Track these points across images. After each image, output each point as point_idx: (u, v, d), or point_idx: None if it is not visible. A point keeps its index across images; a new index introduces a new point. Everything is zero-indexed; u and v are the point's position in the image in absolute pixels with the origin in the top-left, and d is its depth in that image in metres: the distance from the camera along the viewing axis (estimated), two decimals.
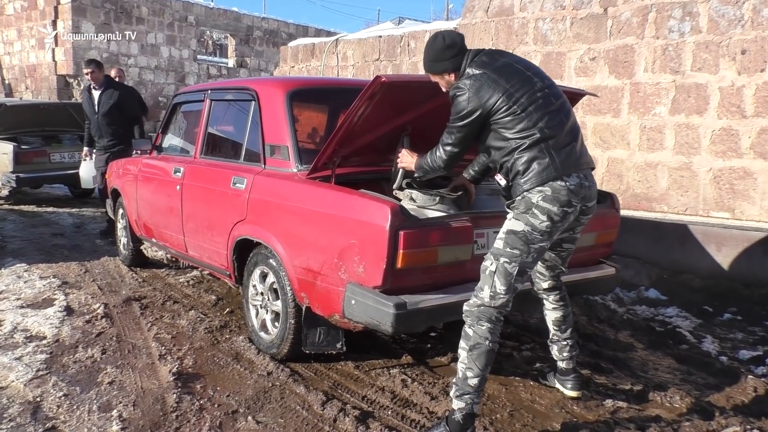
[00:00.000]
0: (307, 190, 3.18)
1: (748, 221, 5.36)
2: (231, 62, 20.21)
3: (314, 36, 20.28)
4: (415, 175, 3.05)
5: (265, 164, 3.55)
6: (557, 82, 6.68)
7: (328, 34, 20.72)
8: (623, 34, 6.08)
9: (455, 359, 3.51)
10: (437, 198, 3.19)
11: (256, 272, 3.54)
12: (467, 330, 2.60)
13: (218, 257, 3.87)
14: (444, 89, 2.89)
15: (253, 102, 3.72)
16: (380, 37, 8.82)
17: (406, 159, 3.06)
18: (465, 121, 2.66)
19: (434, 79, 2.88)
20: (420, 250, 2.76)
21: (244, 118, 3.84)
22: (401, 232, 2.69)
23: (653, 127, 5.99)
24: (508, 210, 2.73)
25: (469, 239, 2.93)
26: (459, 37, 2.83)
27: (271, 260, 3.36)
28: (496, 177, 2.77)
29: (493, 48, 2.86)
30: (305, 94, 3.68)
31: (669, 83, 5.83)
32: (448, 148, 2.76)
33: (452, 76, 2.80)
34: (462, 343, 2.60)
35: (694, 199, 5.73)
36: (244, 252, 3.62)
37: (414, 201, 3.19)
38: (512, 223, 2.65)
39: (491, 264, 2.63)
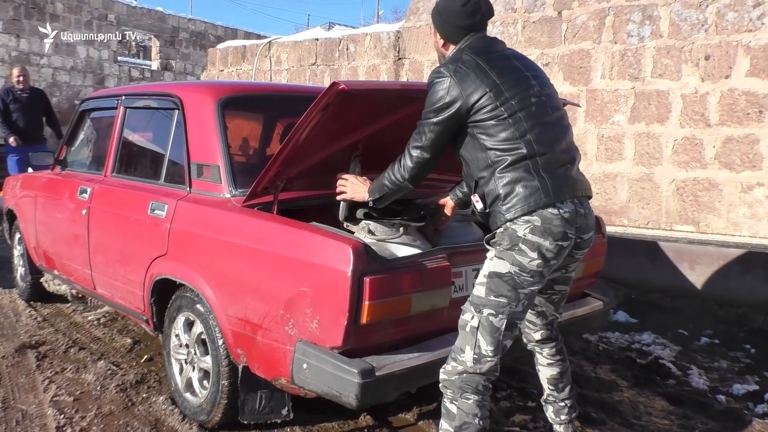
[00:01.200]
0: (244, 221, 2.57)
1: (713, 235, 5.08)
2: (155, 65, 19.11)
3: (243, 39, 19.41)
4: (370, 201, 2.50)
5: (190, 187, 2.91)
6: None
7: (258, 37, 19.90)
8: (579, 39, 5.73)
9: (423, 416, 2.99)
10: (401, 228, 2.65)
11: (180, 319, 2.90)
12: (449, 406, 2.08)
13: (133, 298, 3.20)
14: (433, 46, 2.45)
15: (177, 111, 3.07)
16: (317, 40, 8.24)
17: (354, 187, 2.51)
18: (440, 116, 2.17)
19: (430, 27, 2.42)
20: (390, 299, 2.20)
21: (165, 130, 3.18)
22: (367, 279, 2.13)
23: (611, 136, 5.66)
24: (488, 246, 2.22)
25: (447, 281, 2.40)
26: (479, 14, 2.29)
27: (198, 306, 2.73)
28: (472, 200, 2.26)
29: (494, 37, 2.36)
30: (240, 102, 3.06)
31: (628, 90, 5.51)
32: (417, 152, 2.25)
33: (440, 42, 2.36)
34: (444, 425, 2.07)
35: (657, 212, 5.41)
36: (166, 294, 2.97)
37: (372, 234, 2.63)
38: (495, 263, 2.15)
39: (472, 318, 2.12)
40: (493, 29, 6.29)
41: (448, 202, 2.81)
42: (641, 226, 5.48)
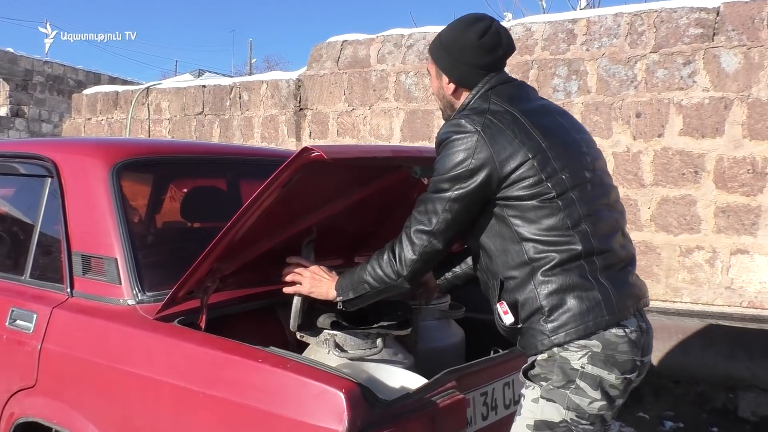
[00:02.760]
0: (162, 343, 1.77)
1: (653, 301, 4.78)
2: (3, 110, 17.10)
3: (108, 84, 17.82)
4: (339, 301, 1.81)
5: (71, 288, 2.05)
6: (423, 143, 5.86)
7: (124, 82, 18.40)
8: None
9: None
10: (378, 340, 1.96)
11: None
12: None
13: None
14: (432, 89, 1.83)
15: (50, 180, 2.21)
16: (204, 87, 7.41)
17: (314, 281, 1.84)
18: (461, 188, 1.57)
19: (429, 66, 1.82)
20: None
21: (32, 205, 2.29)
22: None
23: None
24: (527, 380, 1.60)
25: (463, 422, 1.73)
26: (502, 48, 1.71)
27: None
28: (497, 307, 1.64)
29: (517, 81, 1.77)
30: (144, 168, 2.25)
31: None
32: (423, 239, 1.62)
33: (450, 87, 1.75)
34: None
35: None
36: None
37: (341, 349, 1.93)
38: (542, 408, 1.56)
39: None
40: (406, 80, 5.83)
41: (429, 283, 2.17)
42: None
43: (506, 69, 1.81)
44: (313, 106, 6.45)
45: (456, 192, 1.57)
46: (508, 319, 1.61)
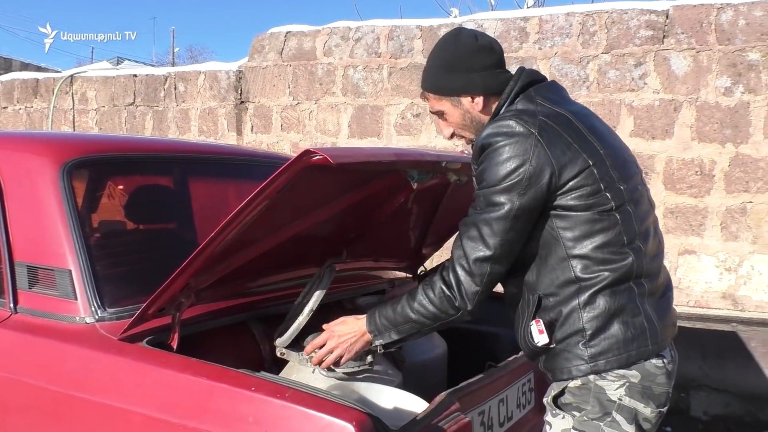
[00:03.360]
0: (131, 368, 1.55)
1: None
2: None
3: (20, 71, 16.67)
4: (379, 346, 1.63)
5: (15, 304, 1.78)
6: (375, 140, 5.72)
7: (38, 69, 17.28)
8: None
9: None
10: (368, 357, 1.80)
11: None
12: None
13: None
14: (447, 131, 1.64)
15: None
16: (135, 76, 6.99)
17: (345, 341, 1.64)
18: (522, 199, 1.41)
19: (435, 105, 1.61)
20: None
21: None
22: None
23: None
24: (556, 408, 1.49)
25: None
26: (497, 43, 1.59)
27: None
28: (531, 325, 1.50)
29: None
30: (100, 168, 1.99)
31: None
32: (484, 266, 1.45)
33: (478, 102, 1.55)
34: None
35: None
36: None
37: (329, 369, 1.75)
38: None
39: None
40: (354, 75, 5.66)
41: None
42: None
43: None
44: (255, 99, 6.18)
45: (517, 203, 1.40)
46: (543, 339, 1.47)
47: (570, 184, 1.40)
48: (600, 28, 4.78)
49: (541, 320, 1.47)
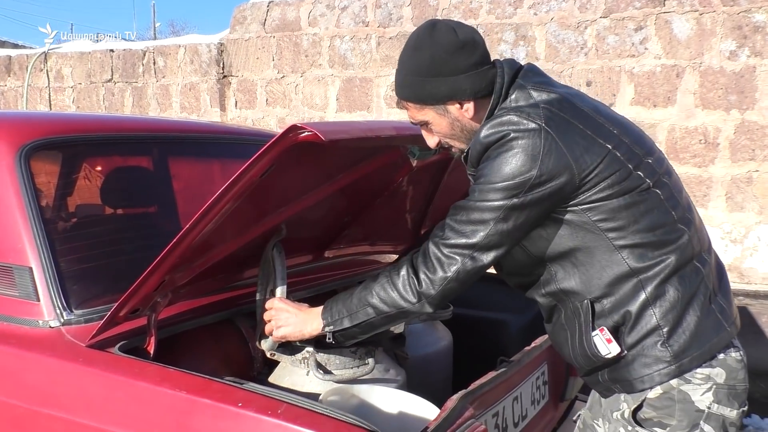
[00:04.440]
0: (101, 379, 1.36)
1: None
2: None
3: None
4: (329, 333, 1.45)
5: None
6: (364, 114, 5.50)
7: (14, 46, 16.73)
8: None
9: None
10: (368, 358, 1.63)
11: None
12: None
13: None
14: (432, 140, 1.41)
15: None
16: (112, 51, 6.69)
17: (287, 319, 1.48)
18: (523, 198, 1.23)
19: (417, 116, 1.37)
20: None
21: None
22: None
23: None
24: (636, 425, 1.31)
25: None
26: (477, 33, 1.36)
27: None
28: (594, 336, 1.30)
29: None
30: (63, 151, 1.77)
31: None
32: (465, 252, 1.27)
33: (469, 109, 1.34)
34: None
35: None
36: None
37: (324, 371, 1.58)
38: None
39: None
40: (341, 45, 5.42)
41: None
42: None
43: None
44: (238, 73, 5.93)
45: (516, 200, 1.23)
46: (614, 348, 1.27)
47: (594, 176, 1.23)
48: None
49: (605, 328, 1.28)
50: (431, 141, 1.42)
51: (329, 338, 1.44)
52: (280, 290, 1.58)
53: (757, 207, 4.19)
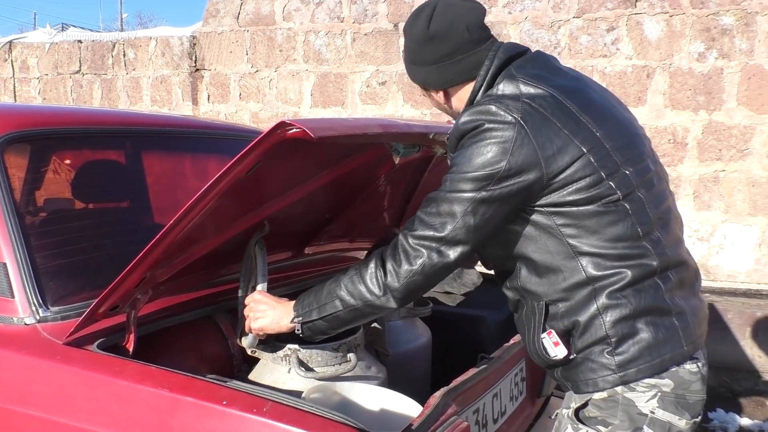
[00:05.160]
0: (79, 378, 1.34)
1: None
2: None
3: None
4: (297, 326, 1.45)
5: None
6: (339, 110, 5.48)
7: None
8: None
9: None
10: (350, 354, 1.63)
11: None
12: None
13: None
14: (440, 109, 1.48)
15: None
16: (80, 42, 6.55)
17: (264, 311, 1.48)
18: (492, 189, 1.24)
19: (430, 95, 1.47)
20: None
21: None
22: None
23: None
24: (578, 422, 1.34)
25: None
26: (459, 22, 1.38)
27: None
28: (542, 338, 1.33)
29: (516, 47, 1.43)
30: (38, 144, 1.73)
31: None
32: (430, 249, 1.28)
33: (441, 96, 1.43)
34: None
35: None
36: None
37: (306, 368, 1.58)
38: None
39: None
40: (316, 41, 5.39)
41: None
42: None
43: None
44: (211, 67, 5.85)
45: (484, 193, 1.23)
46: (560, 351, 1.29)
47: (563, 177, 1.23)
48: None
49: (553, 331, 1.30)
50: (433, 103, 1.51)
51: (298, 329, 1.42)
52: (261, 286, 1.57)
53: (723, 206, 4.29)
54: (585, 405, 1.32)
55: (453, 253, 1.27)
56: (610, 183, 1.25)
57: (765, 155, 4.19)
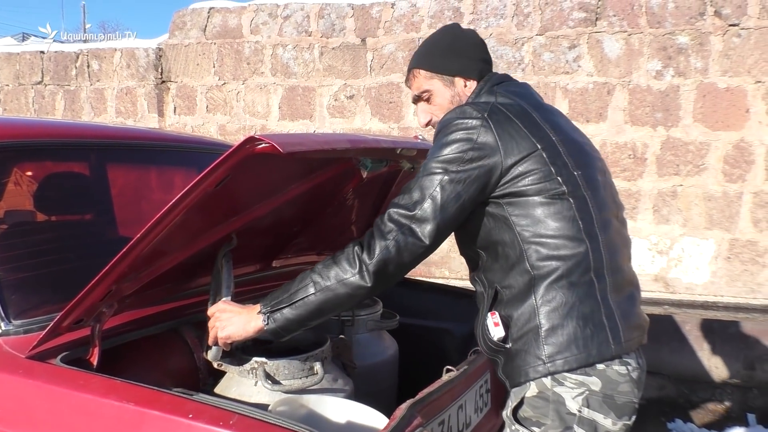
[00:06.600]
0: (43, 392, 1.32)
1: None
2: None
3: None
4: (266, 324, 1.45)
5: None
6: (307, 123, 5.49)
7: None
8: (387, 71, 5.14)
9: None
10: (317, 365, 1.64)
11: None
12: None
13: None
14: (425, 117, 1.61)
15: None
16: (43, 53, 6.45)
17: (229, 320, 1.46)
18: (459, 171, 1.34)
19: (424, 84, 1.58)
20: None
21: None
22: None
23: None
24: (515, 423, 1.40)
25: None
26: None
27: None
28: (486, 318, 1.41)
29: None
30: (1, 155, 1.71)
31: None
32: (404, 222, 1.35)
33: (470, 87, 1.57)
34: None
35: None
36: None
37: (272, 381, 1.58)
38: None
39: None
40: (284, 54, 5.40)
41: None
42: (464, 277, 5.04)
43: (393, 45, 1.77)
44: (177, 79, 5.82)
45: (451, 175, 1.34)
46: (498, 332, 1.37)
47: (518, 169, 1.35)
48: (534, 9, 4.72)
49: (496, 312, 1.39)
50: (424, 118, 1.61)
51: (265, 321, 1.41)
52: (226, 299, 1.58)
53: (681, 220, 4.42)
54: (521, 404, 1.37)
55: (421, 231, 1.33)
56: (558, 178, 1.35)
57: (720, 171, 4.33)
